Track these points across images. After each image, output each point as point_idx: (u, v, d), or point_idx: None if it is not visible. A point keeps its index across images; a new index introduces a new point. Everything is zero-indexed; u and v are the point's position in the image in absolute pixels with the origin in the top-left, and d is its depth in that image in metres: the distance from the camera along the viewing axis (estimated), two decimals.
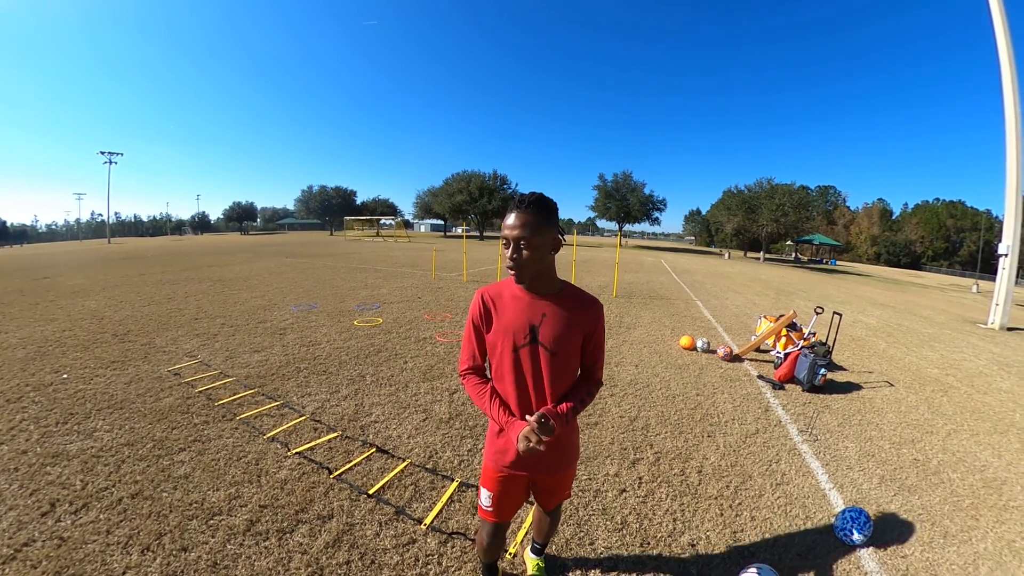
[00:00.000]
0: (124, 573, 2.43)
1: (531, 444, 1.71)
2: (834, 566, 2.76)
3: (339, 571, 2.51)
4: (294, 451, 3.72)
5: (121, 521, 2.82)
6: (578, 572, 2.62)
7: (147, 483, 3.21)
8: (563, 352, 1.84)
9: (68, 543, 2.62)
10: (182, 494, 3.11)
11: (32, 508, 2.91)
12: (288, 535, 2.76)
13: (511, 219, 1.70)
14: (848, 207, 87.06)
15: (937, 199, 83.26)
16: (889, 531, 3.10)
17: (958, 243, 76.47)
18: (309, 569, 2.51)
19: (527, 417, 1.79)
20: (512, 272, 1.76)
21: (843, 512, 3.07)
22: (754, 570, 2.49)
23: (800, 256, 58.95)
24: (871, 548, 2.92)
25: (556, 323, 1.83)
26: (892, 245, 76.67)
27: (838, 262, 57.87)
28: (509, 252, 1.72)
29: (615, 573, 2.63)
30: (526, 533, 2.87)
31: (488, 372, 2.01)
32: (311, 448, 3.79)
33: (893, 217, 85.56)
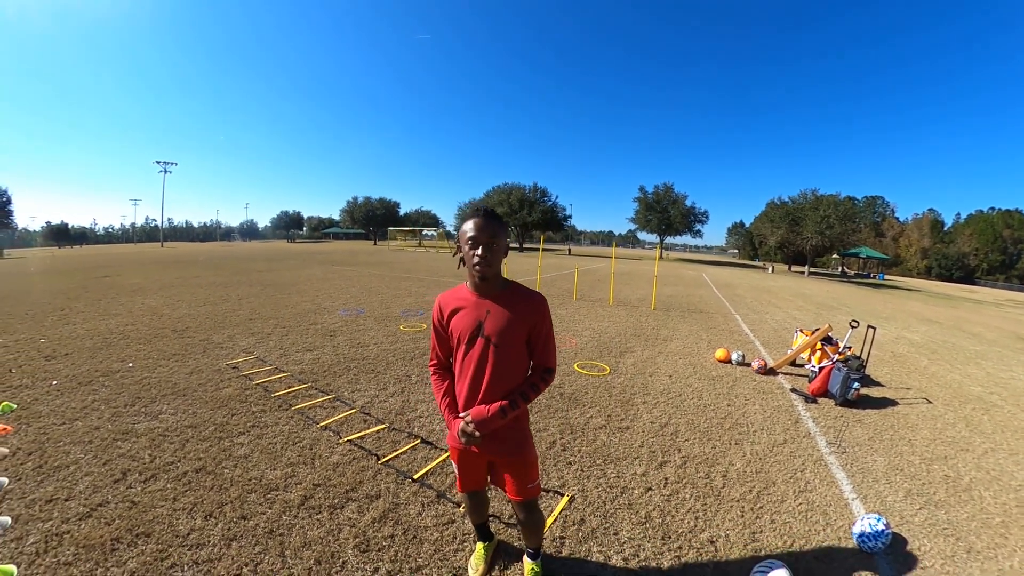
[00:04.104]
0: (189, 534, 2.74)
1: (464, 439, 2.08)
2: (851, 572, 2.81)
3: (384, 543, 2.77)
4: (345, 439, 4.01)
5: (186, 491, 3.15)
6: (600, 559, 2.79)
7: (210, 460, 3.55)
8: (506, 344, 2.05)
9: (138, 506, 2.97)
10: (242, 471, 3.43)
11: (105, 475, 3.28)
12: (339, 510, 3.04)
13: (479, 223, 1.93)
14: (897, 218, 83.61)
15: (992, 208, 78.81)
16: (911, 542, 3.11)
17: (1015, 255, 72.22)
18: (357, 540, 2.78)
19: (461, 414, 2.13)
20: (479, 269, 1.97)
21: (862, 518, 3.08)
22: (766, 566, 2.62)
23: (847, 270, 57.18)
24: (890, 557, 2.95)
25: (500, 317, 2.05)
26: (944, 258, 73.03)
27: (886, 276, 55.84)
28: (479, 251, 1.94)
29: (635, 561, 2.79)
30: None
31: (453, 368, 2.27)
32: (361, 437, 4.08)
33: (945, 228, 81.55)
